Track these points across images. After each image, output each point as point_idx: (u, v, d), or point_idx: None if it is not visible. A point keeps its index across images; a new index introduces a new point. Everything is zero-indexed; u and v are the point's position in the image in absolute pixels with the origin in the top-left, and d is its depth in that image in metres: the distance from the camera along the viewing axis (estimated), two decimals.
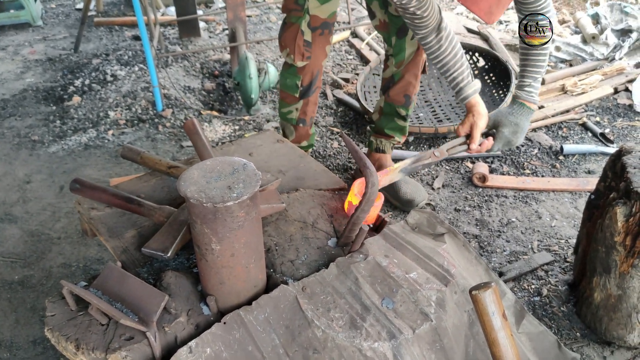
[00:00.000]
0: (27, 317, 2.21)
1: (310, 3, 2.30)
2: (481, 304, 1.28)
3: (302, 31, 2.33)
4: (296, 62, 2.39)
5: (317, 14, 2.32)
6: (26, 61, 4.25)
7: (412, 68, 2.49)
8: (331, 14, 2.37)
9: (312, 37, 2.35)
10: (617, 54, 3.91)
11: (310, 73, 2.45)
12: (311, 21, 2.33)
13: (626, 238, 1.81)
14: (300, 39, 2.34)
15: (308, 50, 2.37)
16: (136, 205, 1.69)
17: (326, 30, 2.38)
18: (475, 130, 2.09)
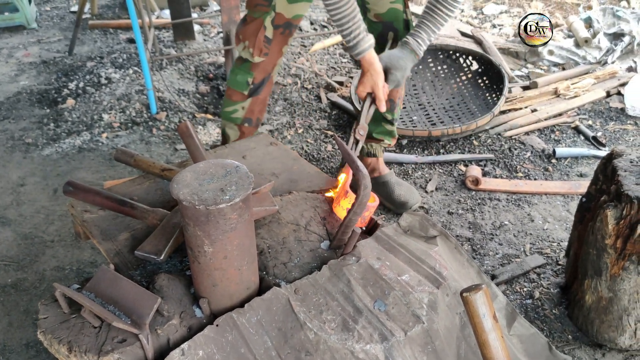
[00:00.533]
0: (20, 320, 2.21)
1: (277, 1, 2.28)
2: (472, 305, 1.29)
3: (264, 27, 2.30)
4: (254, 56, 2.35)
5: (283, 12, 2.30)
6: (20, 64, 4.25)
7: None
8: (296, 16, 2.35)
9: (274, 34, 2.33)
10: (610, 58, 3.94)
11: (264, 71, 2.41)
12: (276, 18, 2.31)
13: (617, 241, 1.83)
14: (262, 34, 2.31)
15: (267, 47, 2.34)
16: (129, 207, 1.69)
17: (287, 30, 2.36)
18: (377, 90, 2.11)
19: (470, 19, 4.87)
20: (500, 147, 3.15)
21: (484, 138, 3.21)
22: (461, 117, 3.39)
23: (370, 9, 2.38)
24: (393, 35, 2.39)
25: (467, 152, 3.12)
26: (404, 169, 3.00)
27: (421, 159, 3.04)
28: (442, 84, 3.68)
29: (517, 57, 4.17)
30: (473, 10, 5.06)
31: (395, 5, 2.35)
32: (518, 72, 3.97)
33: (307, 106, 3.62)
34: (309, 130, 3.38)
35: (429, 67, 3.74)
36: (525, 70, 4.01)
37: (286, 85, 3.84)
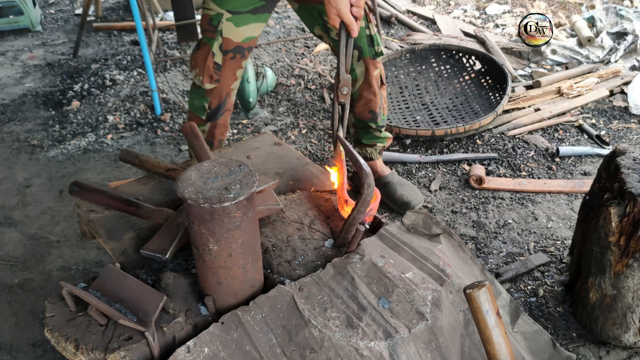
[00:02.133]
0: (26, 320, 2.23)
1: (224, 25, 2.22)
2: (475, 302, 1.30)
3: (213, 53, 2.25)
4: (204, 84, 2.31)
5: (230, 37, 2.23)
6: (25, 66, 4.27)
7: (366, 87, 2.44)
8: (247, 39, 2.28)
9: (223, 60, 2.27)
10: (613, 57, 3.94)
11: (219, 96, 2.36)
12: (223, 44, 2.24)
13: (620, 238, 1.83)
14: (211, 61, 2.26)
15: (217, 73, 2.29)
16: (135, 207, 1.70)
17: (238, 54, 2.29)
18: (345, 14, 1.89)
19: (473, 19, 4.88)
20: (504, 146, 3.15)
21: (487, 137, 3.22)
22: (464, 117, 3.40)
23: (333, 26, 2.28)
24: (358, 53, 2.35)
25: (471, 151, 3.13)
26: (408, 169, 3.01)
27: (425, 159, 3.05)
28: (445, 83, 3.69)
29: (520, 56, 4.17)
30: (476, 11, 5.06)
31: None
32: (521, 72, 3.98)
33: (310, 107, 3.63)
34: (312, 130, 3.39)
35: (432, 67, 3.74)
36: (528, 69, 4.02)
37: (290, 86, 3.85)
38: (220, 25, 2.21)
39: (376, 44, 2.34)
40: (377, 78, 2.45)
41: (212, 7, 2.22)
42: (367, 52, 2.34)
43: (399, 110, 3.53)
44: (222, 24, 2.21)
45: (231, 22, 2.21)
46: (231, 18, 2.20)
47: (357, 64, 2.38)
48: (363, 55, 2.34)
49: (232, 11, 2.20)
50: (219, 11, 2.20)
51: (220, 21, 2.20)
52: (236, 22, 2.22)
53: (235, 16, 2.20)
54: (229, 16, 2.20)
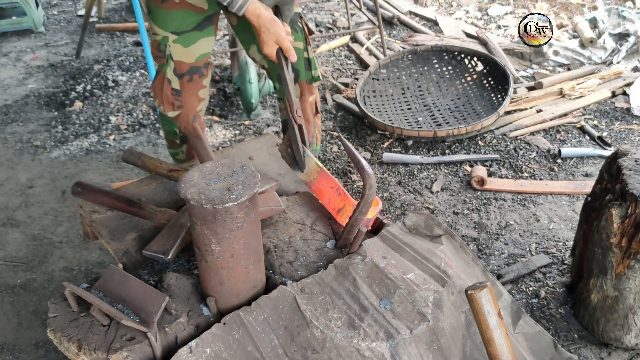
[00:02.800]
0: (29, 320, 2.23)
1: (172, 48, 2.08)
2: (477, 303, 1.30)
3: (168, 79, 2.11)
4: (166, 112, 2.18)
5: (182, 59, 2.10)
6: (28, 67, 4.28)
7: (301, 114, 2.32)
8: (201, 56, 2.14)
9: (180, 84, 2.14)
10: (615, 58, 3.93)
11: (186, 121, 2.22)
12: (176, 67, 2.11)
13: (622, 239, 1.83)
14: (168, 89, 2.13)
15: (178, 100, 2.16)
16: (137, 208, 1.71)
17: (196, 75, 2.15)
18: (283, 40, 1.90)
19: (475, 20, 4.88)
20: (506, 147, 3.15)
21: (489, 138, 3.22)
22: (466, 118, 3.40)
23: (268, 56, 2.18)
24: (294, 77, 2.23)
25: (473, 152, 3.13)
26: (410, 170, 3.01)
27: (427, 160, 3.05)
28: (447, 85, 3.69)
29: (522, 57, 4.17)
30: (478, 12, 5.06)
31: (295, 44, 2.17)
32: (523, 73, 3.98)
33: None
34: None
35: (434, 68, 3.75)
36: (530, 70, 4.02)
37: None
38: (168, 49, 2.08)
39: (313, 68, 2.25)
40: (311, 105, 2.35)
41: (157, 31, 2.09)
42: (304, 76, 2.24)
43: (400, 112, 3.54)
44: (169, 47, 2.08)
45: (179, 44, 2.08)
46: (178, 39, 2.07)
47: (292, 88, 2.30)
48: (299, 79, 2.25)
49: (176, 32, 2.07)
50: (164, 34, 2.07)
51: (167, 45, 2.07)
52: (184, 43, 2.09)
53: (181, 36, 2.08)
54: (175, 37, 2.07)
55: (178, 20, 2.05)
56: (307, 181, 1.73)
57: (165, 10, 2.04)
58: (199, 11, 2.07)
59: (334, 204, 1.66)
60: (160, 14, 2.06)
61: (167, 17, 2.05)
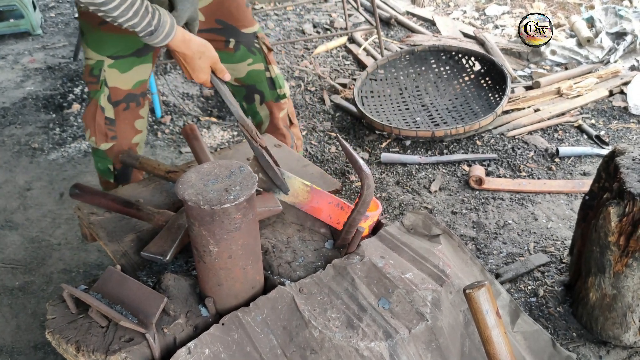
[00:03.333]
0: (28, 322, 2.23)
1: (107, 73, 1.94)
2: (475, 302, 1.30)
3: (101, 107, 1.97)
4: (99, 145, 2.03)
5: (118, 85, 1.96)
6: (26, 70, 4.28)
7: (273, 129, 2.28)
8: (138, 84, 2.01)
9: (115, 113, 1.99)
10: (612, 57, 3.94)
11: (120, 154, 2.07)
12: (111, 94, 1.96)
13: (620, 238, 1.84)
14: (101, 118, 1.98)
15: (112, 130, 2.01)
16: (135, 209, 1.71)
17: (132, 103, 2.02)
18: (217, 64, 1.73)
19: (472, 20, 4.88)
20: (504, 146, 3.15)
21: (487, 138, 3.22)
22: (464, 118, 3.40)
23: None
24: (260, 98, 2.21)
25: (471, 152, 3.13)
26: (408, 170, 3.02)
27: (425, 160, 3.05)
28: (445, 84, 3.69)
29: (520, 57, 4.17)
30: (475, 12, 5.07)
31: (255, 66, 2.13)
32: (521, 72, 3.98)
33: (310, 108, 3.63)
34: (312, 132, 3.39)
35: (432, 69, 3.75)
36: (527, 70, 4.02)
37: (289, 88, 3.86)
38: (102, 74, 1.94)
39: (278, 87, 2.19)
40: (284, 120, 2.31)
41: (91, 54, 1.94)
42: (269, 96, 2.21)
43: (398, 112, 3.54)
44: (104, 72, 1.94)
45: (115, 69, 1.94)
46: (114, 64, 1.94)
47: (260, 108, 2.24)
48: (265, 99, 2.21)
49: (113, 56, 1.93)
50: (98, 58, 1.93)
51: (102, 69, 1.93)
52: (121, 68, 1.95)
53: (118, 61, 1.94)
54: (111, 62, 1.93)
55: (118, 44, 1.92)
56: (296, 202, 1.63)
57: (104, 33, 1.90)
58: None
59: (336, 218, 1.61)
60: (96, 36, 1.92)
61: (105, 41, 1.91)
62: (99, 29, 1.89)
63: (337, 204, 1.58)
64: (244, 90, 2.21)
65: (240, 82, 2.18)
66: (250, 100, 2.22)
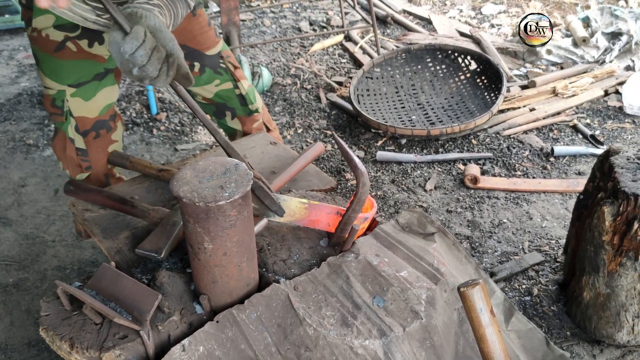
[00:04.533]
0: (21, 319, 2.23)
1: (71, 104, 1.84)
2: (469, 300, 1.31)
3: (70, 139, 1.90)
4: (74, 176, 1.97)
5: (84, 114, 1.87)
6: (21, 65, 4.26)
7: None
8: (105, 109, 1.92)
9: (86, 142, 1.91)
10: (608, 57, 3.95)
11: (99, 182, 2.02)
12: (78, 125, 1.88)
13: (614, 237, 1.84)
14: (72, 150, 1.91)
15: (86, 160, 1.94)
16: (130, 206, 1.71)
17: (103, 130, 1.93)
18: None
19: (468, 19, 4.89)
20: (499, 145, 3.16)
21: (482, 137, 3.23)
22: (460, 117, 3.41)
23: (196, 93, 2.07)
24: (231, 114, 2.18)
25: (466, 151, 3.14)
26: (403, 168, 3.02)
27: (420, 158, 3.06)
28: (440, 83, 3.70)
29: (516, 56, 4.18)
30: (471, 11, 5.07)
31: (223, 86, 2.09)
32: (516, 72, 3.99)
33: (306, 106, 3.63)
34: (308, 130, 3.39)
35: (428, 67, 3.75)
36: (523, 69, 4.03)
37: (285, 86, 3.86)
38: (65, 104, 1.85)
39: (249, 102, 2.15)
40: (258, 129, 2.26)
41: (50, 84, 1.84)
42: (241, 112, 2.18)
43: (394, 110, 3.54)
44: (67, 102, 1.85)
45: (78, 97, 1.85)
46: (76, 92, 1.84)
47: (231, 122, 2.21)
48: (237, 115, 2.18)
49: (74, 84, 1.83)
50: (59, 88, 1.83)
51: (64, 100, 1.84)
52: (84, 96, 1.85)
53: (80, 89, 1.84)
54: (72, 91, 1.84)
55: (77, 72, 1.82)
56: (293, 220, 1.60)
57: (60, 61, 1.79)
58: (99, 60, 1.85)
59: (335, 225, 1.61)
60: (53, 64, 1.81)
61: (62, 69, 1.81)
62: (54, 56, 1.79)
63: (335, 212, 1.57)
64: (214, 107, 2.16)
65: (209, 101, 2.14)
66: (221, 115, 2.18)
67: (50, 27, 1.76)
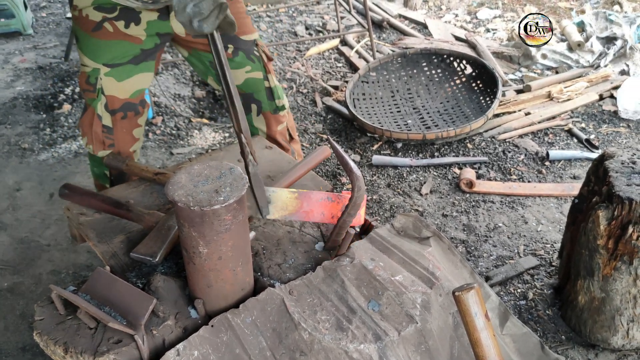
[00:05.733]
0: (16, 323, 2.22)
1: (104, 82, 1.92)
2: (464, 304, 1.31)
3: (98, 116, 1.96)
4: (96, 152, 2.02)
5: (115, 94, 1.94)
6: (16, 69, 4.26)
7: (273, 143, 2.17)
8: (136, 93, 1.99)
9: (112, 121, 1.98)
10: (602, 61, 3.97)
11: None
12: (108, 103, 1.95)
13: (608, 241, 1.85)
14: (98, 126, 1.97)
15: (110, 138, 2.00)
16: (125, 210, 1.70)
17: (130, 112, 2.00)
18: None
19: (464, 24, 4.91)
20: (494, 150, 3.17)
21: (478, 141, 3.24)
22: (455, 121, 3.41)
23: None
24: (257, 108, 2.16)
25: (462, 155, 3.14)
26: (399, 172, 3.02)
27: (416, 162, 3.06)
28: (436, 87, 3.70)
29: (511, 60, 4.20)
30: (467, 15, 5.09)
31: (253, 74, 2.08)
32: (512, 76, 4.00)
33: (302, 110, 3.63)
34: (304, 134, 3.39)
35: (424, 71, 3.76)
36: (518, 73, 4.04)
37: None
38: (99, 82, 1.92)
39: (277, 97, 2.15)
40: (282, 133, 2.24)
41: (87, 62, 1.93)
42: (267, 107, 2.16)
43: (390, 114, 3.55)
44: (100, 80, 1.92)
45: (111, 77, 1.93)
46: (110, 72, 1.92)
47: (256, 120, 2.19)
48: (262, 110, 2.16)
49: (109, 64, 1.91)
50: (94, 66, 1.91)
51: (98, 77, 1.92)
52: (117, 76, 1.93)
53: (115, 69, 1.92)
54: (107, 70, 1.92)
55: (112, 51, 1.91)
56: (287, 214, 1.60)
57: (97, 40, 1.89)
58: (135, 42, 1.93)
59: (329, 213, 1.60)
60: (90, 43, 1.91)
61: (98, 48, 1.90)
62: (92, 35, 1.89)
63: (326, 197, 1.58)
64: (241, 99, 2.14)
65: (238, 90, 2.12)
66: (247, 110, 2.13)
67: (90, 7, 1.87)
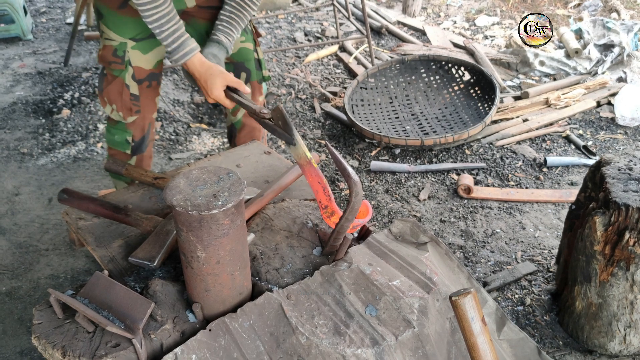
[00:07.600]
0: (14, 328, 2.22)
1: (131, 54, 2.11)
2: (461, 309, 1.31)
3: (127, 85, 2.14)
4: (126, 118, 2.21)
5: (142, 65, 2.14)
6: (16, 75, 4.27)
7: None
8: (157, 64, 2.19)
9: (139, 90, 2.18)
10: (600, 69, 3.99)
11: (141, 127, 2.28)
12: (135, 73, 2.14)
13: (605, 247, 1.85)
14: (127, 94, 2.16)
15: (137, 105, 2.19)
16: (123, 215, 1.71)
17: (154, 82, 2.21)
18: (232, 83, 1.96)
19: (462, 31, 4.93)
20: (492, 156, 3.18)
21: (476, 147, 3.25)
22: (453, 127, 3.43)
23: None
24: (246, 76, 2.30)
25: (460, 161, 3.15)
26: (397, 178, 3.03)
27: (414, 168, 3.07)
28: (434, 94, 3.72)
29: (509, 67, 4.21)
30: (465, 22, 5.11)
31: (246, 44, 2.26)
32: (509, 83, 4.02)
33: (301, 116, 3.64)
34: (303, 139, 3.40)
35: (422, 78, 3.78)
36: (516, 80, 4.06)
37: (280, 96, 3.87)
38: (126, 54, 2.11)
39: (263, 68, 2.32)
40: (262, 103, 2.37)
41: (113, 36, 2.10)
42: (255, 76, 2.31)
43: (388, 120, 3.56)
44: (128, 53, 2.11)
45: (138, 50, 2.12)
46: (136, 46, 2.11)
47: None
48: (250, 79, 2.30)
49: (135, 38, 2.10)
50: (121, 40, 2.09)
51: (125, 50, 2.10)
52: (143, 49, 2.12)
53: (140, 43, 2.11)
54: (133, 44, 2.10)
55: (137, 27, 2.08)
56: (297, 161, 1.66)
57: (123, 17, 2.07)
58: None
59: (320, 197, 1.62)
60: (116, 19, 2.08)
61: (125, 24, 2.08)
62: (118, 12, 2.06)
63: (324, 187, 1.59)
64: (232, 68, 2.27)
65: (230, 59, 2.26)
66: (237, 77, 2.21)
67: None
